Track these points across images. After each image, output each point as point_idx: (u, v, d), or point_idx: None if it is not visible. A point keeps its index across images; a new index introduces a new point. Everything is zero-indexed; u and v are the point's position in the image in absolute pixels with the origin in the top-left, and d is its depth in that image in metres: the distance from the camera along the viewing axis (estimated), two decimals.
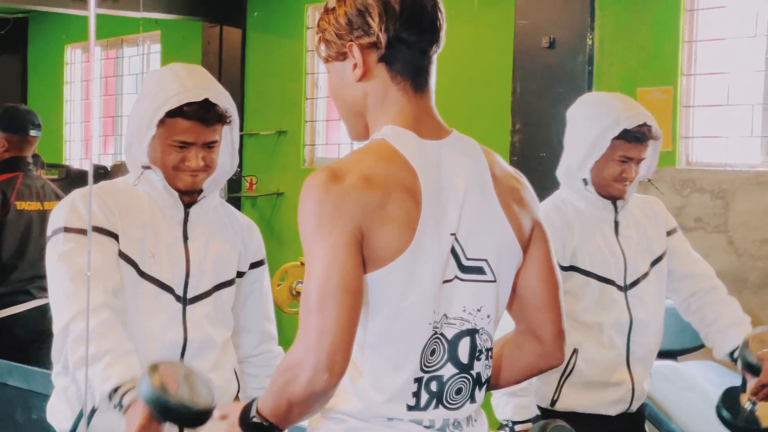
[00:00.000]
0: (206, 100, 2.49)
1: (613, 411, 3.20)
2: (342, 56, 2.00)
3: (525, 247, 2.04)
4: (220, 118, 2.54)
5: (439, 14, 1.99)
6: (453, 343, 1.96)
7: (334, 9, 2.00)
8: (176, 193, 2.57)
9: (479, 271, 1.97)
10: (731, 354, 3.21)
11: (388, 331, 1.90)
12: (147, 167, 2.55)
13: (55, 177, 9.36)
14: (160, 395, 2.14)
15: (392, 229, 1.86)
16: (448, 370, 1.96)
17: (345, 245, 1.83)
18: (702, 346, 4.94)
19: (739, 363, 3.17)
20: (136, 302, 2.50)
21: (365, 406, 1.92)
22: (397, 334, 1.91)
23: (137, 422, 2.18)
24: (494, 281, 1.99)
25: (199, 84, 2.50)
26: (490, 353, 2.03)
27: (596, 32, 6.52)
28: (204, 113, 2.50)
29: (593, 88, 6.47)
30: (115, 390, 2.27)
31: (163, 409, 2.15)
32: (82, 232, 2.45)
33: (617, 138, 3.08)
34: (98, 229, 2.48)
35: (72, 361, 2.36)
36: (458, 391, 1.98)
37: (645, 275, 3.21)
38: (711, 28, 6.23)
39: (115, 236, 2.50)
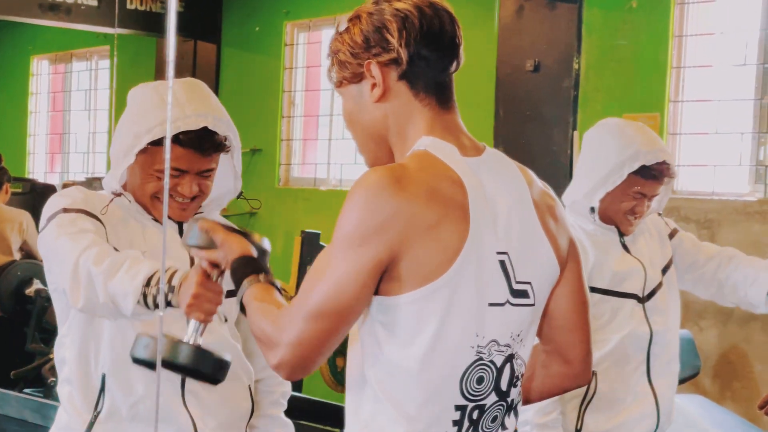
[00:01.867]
0: (204, 128, 2.36)
1: (640, 429, 3.10)
2: (357, 78, 1.92)
3: (562, 268, 1.99)
4: (218, 147, 2.41)
5: (458, 30, 1.95)
6: (500, 371, 1.90)
7: (348, 29, 1.94)
8: (150, 216, 2.44)
9: (525, 294, 1.91)
10: None
11: (426, 356, 1.82)
12: (118, 194, 2.43)
13: (20, 191, 9.14)
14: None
15: (437, 250, 1.79)
16: (491, 399, 1.90)
17: (366, 271, 1.77)
18: (688, 378, 4.89)
19: None
20: None
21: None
22: (437, 358, 1.82)
23: (194, 280, 2.01)
24: (533, 305, 1.94)
25: (198, 110, 2.36)
26: (522, 378, 1.98)
27: (583, 56, 6.43)
28: (201, 142, 2.37)
29: (579, 114, 6.39)
30: (148, 282, 2.09)
31: None
32: (81, 211, 2.33)
33: (634, 173, 3.00)
34: (87, 213, 2.35)
35: (99, 273, 2.15)
36: (494, 419, 1.92)
37: (659, 285, 3.14)
38: (699, 55, 6.18)
39: (104, 225, 2.37)
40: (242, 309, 1.93)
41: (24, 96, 11.53)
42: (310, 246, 6.54)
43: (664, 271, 3.17)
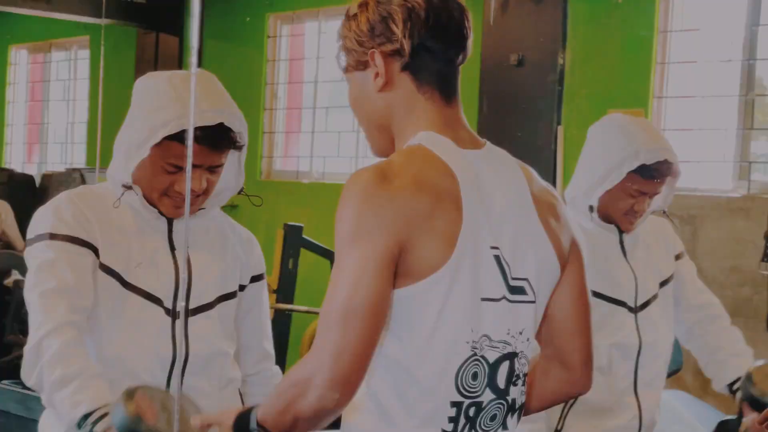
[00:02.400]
0: (220, 124, 2.32)
1: None
2: (362, 66, 1.92)
3: (563, 267, 1.96)
4: (231, 144, 2.37)
5: (466, 22, 1.92)
6: (494, 367, 1.87)
7: (355, 15, 1.93)
8: (155, 211, 2.41)
9: (522, 291, 1.89)
10: (730, 386, 3.12)
11: (423, 351, 1.80)
12: (128, 187, 2.38)
13: None
14: (135, 425, 1.98)
15: (434, 241, 1.77)
16: (487, 396, 1.87)
17: (378, 260, 1.74)
18: (671, 374, 4.89)
19: (739, 395, 3.08)
20: (122, 315, 2.34)
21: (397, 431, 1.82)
22: (433, 353, 1.81)
23: None
24: (534, 302, 1.91)
25: (214, 105, 2.32)
26: (525, 378, 1.95)
27: (568, 51, 6.42)
28: (216, 139, 2.33)
29: (563, 109, 6.38)
30: (86, 417, 2.13)
31: None
32: (68, 239, 2.31)
33: (633, 171, 2.91)
34: (74, 239, 2.32)
35: (48, 383, 2.21)
36: (493, 418, 1.90)
37: (654, 297, 3.08)
38: (684, 51, 6.18)
39: (94, 248, 2.34)
40: None
41: (2, 86, 11.45)
42: (293, 239, 6.51)
43: (663, 284, 3.11)
